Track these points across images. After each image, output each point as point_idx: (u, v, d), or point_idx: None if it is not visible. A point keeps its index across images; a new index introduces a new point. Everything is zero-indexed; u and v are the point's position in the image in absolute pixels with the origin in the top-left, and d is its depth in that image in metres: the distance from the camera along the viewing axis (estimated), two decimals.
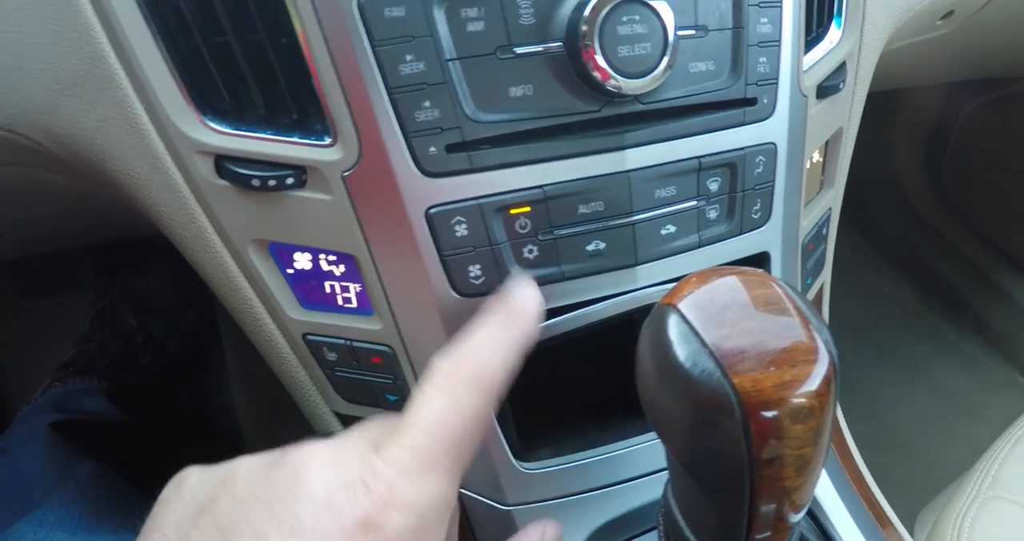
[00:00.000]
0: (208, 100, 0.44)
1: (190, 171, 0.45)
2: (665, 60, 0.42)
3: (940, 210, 1.86)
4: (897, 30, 0.71)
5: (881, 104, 1.74)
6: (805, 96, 0.53)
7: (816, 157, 0.62)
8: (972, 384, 1.62)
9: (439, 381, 0.35)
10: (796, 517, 0.34)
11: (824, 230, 0.64)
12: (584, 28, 0.40)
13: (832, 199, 0.64)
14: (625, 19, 0.41)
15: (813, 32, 0.56)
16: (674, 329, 0.32)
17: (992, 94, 1.61)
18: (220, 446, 1.25)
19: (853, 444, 0.66)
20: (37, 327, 1.40)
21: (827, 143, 0.62)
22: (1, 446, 0.95)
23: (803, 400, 0.30)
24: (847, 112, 0.63)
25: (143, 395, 1.22)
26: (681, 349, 0.31)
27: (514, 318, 0.39)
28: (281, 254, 0.48)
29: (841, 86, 0.58)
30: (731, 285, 0.33)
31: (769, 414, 0.30)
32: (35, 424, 1.00)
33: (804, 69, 0.53)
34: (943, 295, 1.81)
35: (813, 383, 0.30)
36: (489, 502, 0.52)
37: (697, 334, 0.31)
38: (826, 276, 0.68)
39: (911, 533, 0.78)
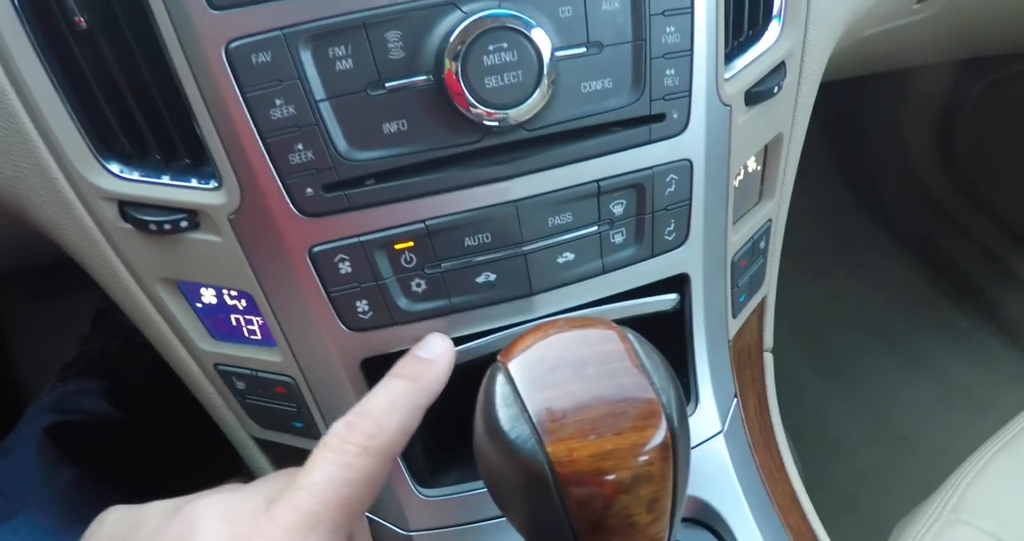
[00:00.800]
0: (110, 147, 0.46)
1: (98, 216, 0.48)
2: (540, 88, 0.43)
3: (952, 191, 1.81)
4: (860, 19, 0.69)
5: (889, 84, 1.70)
6: (728, 105, 0.52)
7: (753, 166, 0.61)
8: (981, 376, 1.59)
9: (333, 445, 0.38)
10: None
11: (762, 243, 0.63)
12: (448, 60, 0.41)
13: (773, 210, 0.64)
14: (491, 48, 0.41)
15: (744, 34, 0.55)
16: (499, 390, 0.33)
17: (1001, 72, 1.57)
18: (216, 445, 1.30)
19: (789, 461, 0.66)
20: (48, 328, 1.44)
21: (766, 150, 0.61)
22: (6, 445, 1.01)
23: (628, 471, 0.30)
24: (789, 116, 0.62)
25: (143, 395, 1.26)
26: (503, 412, 0.32)
27: (420, 379, 0.43)
28: (189, 289, 0.52)
29: (776, 90, 0.56)
30: (567, 341, 0.33)
31: (581, 488, 0.30)
32: (36, 424, 1.06)
33: (727, 76, 0.52)
34: (955, 281, 1.76)
35: (640, 452, 0.30)
36: (392, 527, 0.54)
37: (519, 397, 0.32)
38: (767, 290, 0.67)
39: None
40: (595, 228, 0.49)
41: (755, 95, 0.54)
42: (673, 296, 0.54)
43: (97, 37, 0.43)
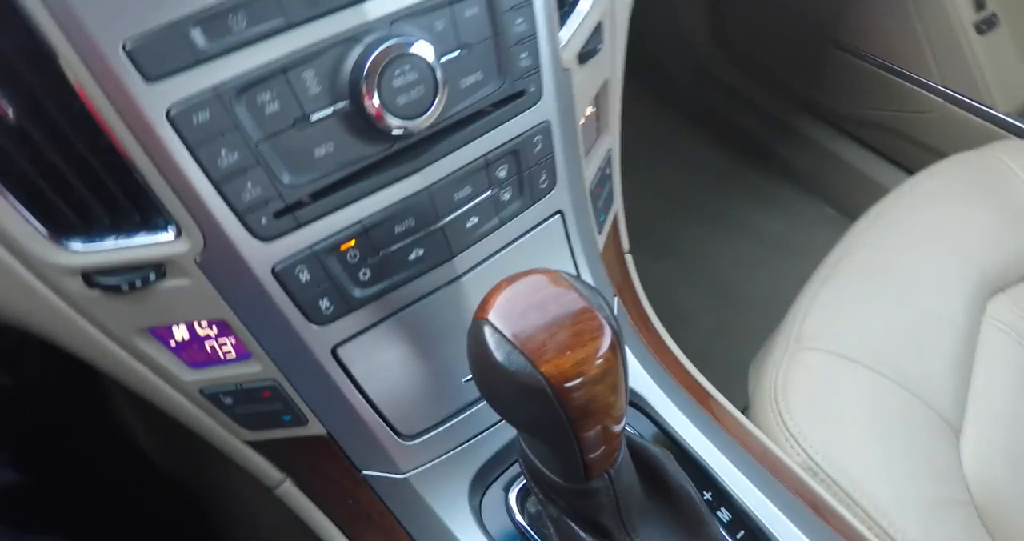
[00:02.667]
0: (58, 224, 0.52)
1: (66, 292, 0.54)
2: (438, 98, 0.54)
3: (730, 66, 2.09)
4: None
5: None
6: (567, 70, 0.66)
7: (589, 110, 0.75)
8: (789, 227, 1.90)
9: None
10: (618, 427, 0.50)
11: (608, 170, 0.79)
12: (365, 86, 0.51)
13: (610, 141, 0.80)
14: (398, 72, 0.52)
15: (565, 6, 0.67)
16: (491, 337, 0.46)
17: None
18: (131, 470, 1.35)
19: (664, 332, 0.85)
20: None
21: (597, 96, 0.76)
22: None
23: (597, 366, 0.44)
24: (610, 63, 0.77)
25: (44, 447, 1.27)
26: (499, 352, 0.45)
27: None
28: (160, 333, 0.59)
29: (600, 47, 0.71)
30: (525, 290, 0.47)
31: (572, 384, 0.43)
32: None
33: (562, 46, 0.65)
34: (749, 149, 2.07)
35: (601, 352, 0.44)
36: (388, 475, 0.67)
37: (507, 339, 0.45)
38: (618, 205, 0.85)
39: (748, 382, 1.00)
40: (489, 192, 0.63)
41: (585, 55, 0.68)
42: None
43: (27, 126, 0.48)
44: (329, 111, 0.53)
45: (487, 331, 0.45)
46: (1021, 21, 1.57)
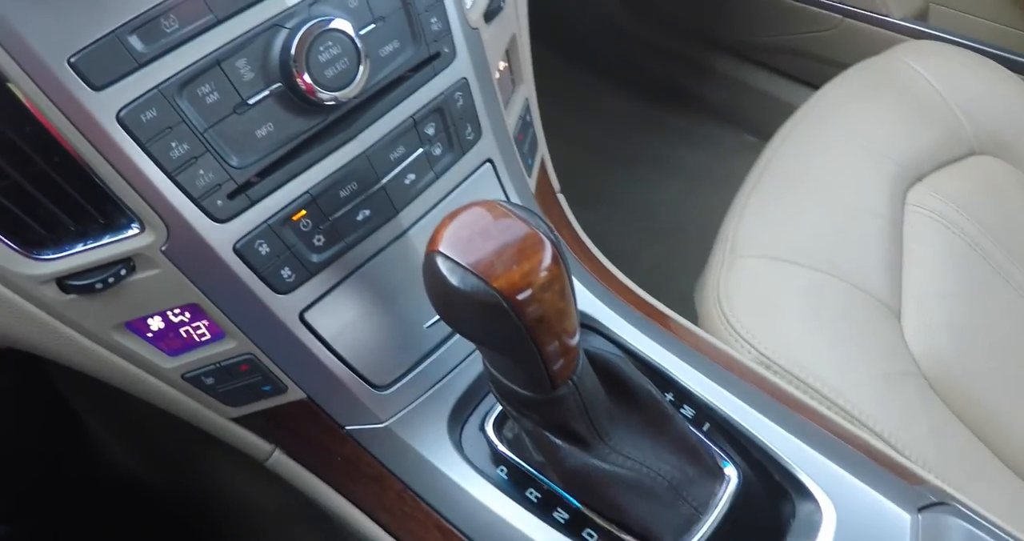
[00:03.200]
0: (27, 239, 0.57)
1: (43, 300, 0.60)
2: (362, 67, 0.61)
3: (633, 16, 2.18)
4: None
5: None
6: (476, 29, 0.73)
7: (502, 65, 0.82)
8: (711, 158, 2.01)
9: None
10: (574, 340, 0.57)
11: (528, 117, 0.87)
12: (295, 66, 0.57)
13: (526, 91, 0.87)
14: (322, 48, 0.58)
15: None
16: (444, 266, 0.52)
17: None
18: (122, 499, 1.39)
19: (604, 258, 0.92)
20: None
21: (507, 51, 0.83)
22: None
23: (543, 275, 0.51)
24: (515, 19, 0.83)
25: (33, 498, 1.30)
26: (454, 277, 0.51)
27: None
28: (137, 326, 0.64)
29: (503, 4, 0.78)
30: (467, 221, 0.53)
31: (524, 295, 0.50)
32: None
33: (468, 7, 0.72)
34: (662, 91, 2.16)
35: (545, 263, 0.51)
36: (370, 427, 0.73)
37: (459, 264, 0.51)
38: (542, 149, 0.92)
39: (695, 303, 1.08)
40: (421, 150, 0.69)
41: (490, 14, 0.75)
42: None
43: None
44: (265, 93, 0.59)
45: (439, 261, 0.51)
46: None
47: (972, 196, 1.13)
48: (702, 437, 0.72)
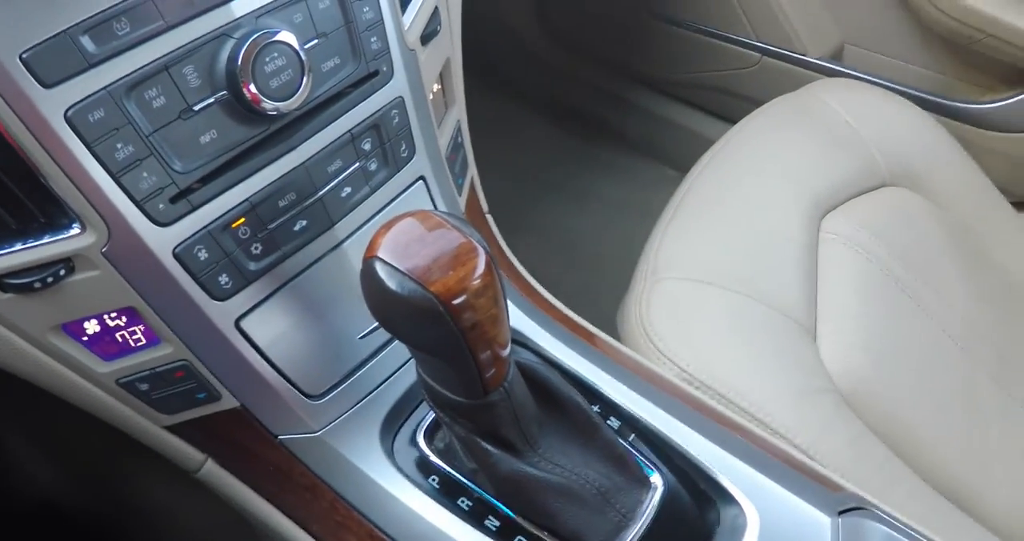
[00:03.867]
0: None
1: None
2: (305, 79, 0.64)
3: (557, 48, 2.28)
4: None
5: None
6: (412, 50, 0.77)
7: (436, 87, 0.87)
8: (631, 188, 2.11)
9: None
10: (505, 351, 0.62)
11: (459, 138, 0.92)
12: (241, 75, 0.61)
13: (458, 113, 0.92)
14: (268, 59, 0.62)
15: None
16: (382, 271, 0.55)
17: None
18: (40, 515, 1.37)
19: (535, 282, 0.97)
20: None
21: (441, 73, 0.88)
22: None
23: (477, 282, 0.55)
24: (449, 43, 0.89)
25: None
26: (392, 282, 0.54)
27: None
28: (73, 329, 0.66)
29: (439, 28, 0.83)
30: (404, 229, 0.57)
31: (459, 300, 0.54)
32: None
33: (406, 29, 0.76)
34: (584, 123, 2.27)
35: (479, 270, 0.55)
36: (303, 436, 0.76)
37: (397, 269, 0.55)
38: (472, 170, 0.97)
39: (617, 325, 1.13)
40: (357, 164, 0.73)
41: (427, 37, 0.80)
42: None
43: None
44: (211, 100, 0.62)
45: (378, 266, 0.55)
46: None
47: (884, 224, 1.22)
48: (628, 447, 0.77)
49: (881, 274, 1.15)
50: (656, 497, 0.73)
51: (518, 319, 0.86)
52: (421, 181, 0.81)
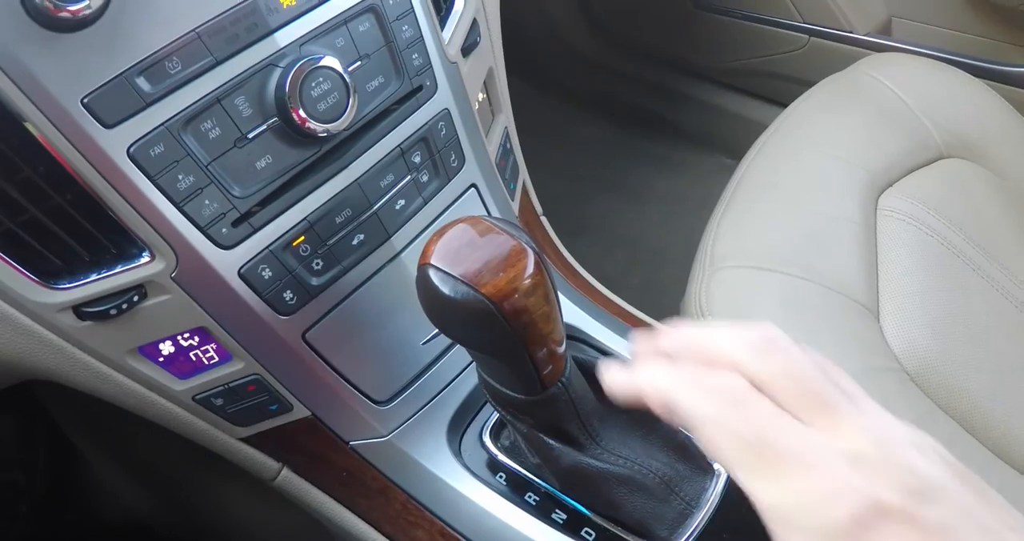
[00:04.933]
0: (44, 270, 0.62)
1: (60, 327, 0.64)
2: (351, 100, 0.66)
3: (604, 46, 2.28)
4: None
5: None
6: (454, 63, 0.79)
7: (481, 96, 0.89)
8: (688, 183, 2.09)
9: None
10: (561, 348, 0.63)
11: (508, 144, 0.93)
12: (289, 102, 0.63)
13: (505, 120, 0.93)
14: (314, 84, 0.64)
15: (443, 10, 0.81)
16: (435, 277, 0.57)
17: None
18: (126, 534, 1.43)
19: (588, 275, 0.99)
20: None
21: (485, 82, 0.90)
22: None
23: (527, 282, 0.56)
24: (491, 52, 0.90)
25: None
26: (445, 287, 0.56)
27: None
28: (149, 351, 0.69)
29: (479, 39, 0.85)
30: (455, 236, 0.58)
31: (511, 301, 0.55)
32: None
33: (446, 43, 0.78)
34: (638, 119, 2.26)
35: (528, 271, 0.56)
36: (373, 441, 0.79)
37: (450, 274, 0.57)
38: (524, 174, 0.98)
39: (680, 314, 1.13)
40: (409, 177, 0.75)
41: (467, 49, 0.82)
42: None
43: (4, 186, 0.57)
44: (263, 127, 0.64)
45: (432, 272, 0.57)
46: None
47: (942, 197, 1.20)
48: (690, 435, 0.77)
49: (942, 248, 1.13)
50: (720, 484, 0.73)
51: (576, 316, 0.87)
52: (473, 189, 0.83)
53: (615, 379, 0.51)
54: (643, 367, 0.49)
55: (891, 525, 0.37)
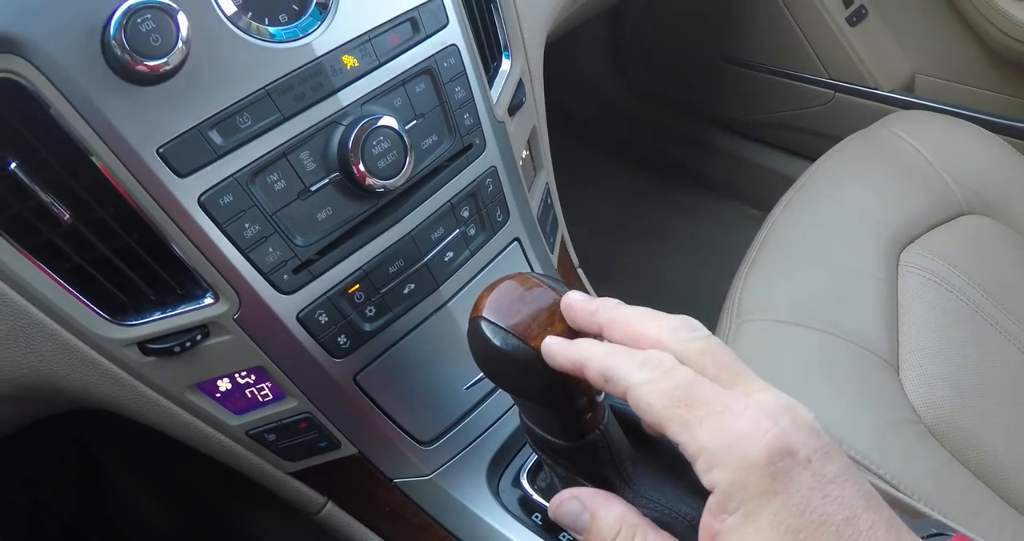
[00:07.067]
0: (111, 306, 0.64)
1: (125, 362, 0.67)
2: (408, 157, 0.69)
3: (634, 97, 2.33)
4: (555, 21, 1.03)
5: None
6: (502, 122, 0.82)
7: (524, 153, 0.91)
8: (714, 231, 2.11)
9: None
10: (600, 397, 0.65)
11: (548, 200, 0.96)
12: (351, 158, 0.66)
13: (546, 176, 0.96)
14: (375, 143, 0.67)
15: (490, 69, 0.84)
16: (487, 329, 0.59)
17: None
18: None
19: None
20: None
21: (528, 140, 0.93)
22: None
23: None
24: (534, 111, 0.93)
25: None
26: (497, 339, 0.58)
27: None
28: (207, 387, 0.72)
29: (524, 99, 0.87)
30: (506, 290, 0.61)
31: None
32: None
33: (494, 103, 0.81)
34: (666, 168, 2.29)
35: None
36: (415, 479, 0.80)
37: (501, 327, 0.59)
38: (562, 228, 1.01)
39: None
40: (458, 231, 0.78)
41: (514, 108, 0.85)
42: None
43: (81, 228, 0.60)
44: (325, 181, 0.67)
45: (484, 325, 0.59)
46: (886, 7, 1.79)
47: (962, 254, 1.21)
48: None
49: (961, 304, 1.14)
50: None
51: None
52: (516, 242, 0.85)
53: (560, 348, 0.55)
54: (584, 341, 0.54)
55: (798, 468, 0.43)
